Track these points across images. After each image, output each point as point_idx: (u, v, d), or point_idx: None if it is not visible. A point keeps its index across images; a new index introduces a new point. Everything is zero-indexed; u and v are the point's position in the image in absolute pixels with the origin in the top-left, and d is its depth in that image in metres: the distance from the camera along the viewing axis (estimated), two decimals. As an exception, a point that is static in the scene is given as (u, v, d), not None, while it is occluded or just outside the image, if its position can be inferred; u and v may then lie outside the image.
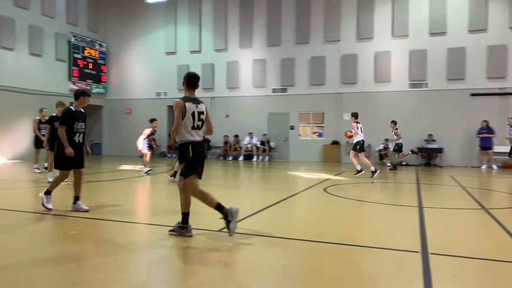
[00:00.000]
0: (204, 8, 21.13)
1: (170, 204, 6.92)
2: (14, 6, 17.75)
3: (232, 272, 3.61)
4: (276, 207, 6.86)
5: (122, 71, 22.98)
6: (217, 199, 4.74)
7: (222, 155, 20.12)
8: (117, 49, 22.96)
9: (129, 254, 4.11)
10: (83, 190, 6.40)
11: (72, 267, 3.66)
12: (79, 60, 21.00)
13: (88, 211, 6.05)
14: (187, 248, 4.35)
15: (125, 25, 22.72)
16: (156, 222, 5.63)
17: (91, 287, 3.16)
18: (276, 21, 19.77)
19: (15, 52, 17.83)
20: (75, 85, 20.56)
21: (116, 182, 10.58)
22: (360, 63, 18.56)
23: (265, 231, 5.04)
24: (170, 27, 21.76)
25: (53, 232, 5.22)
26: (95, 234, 4.99)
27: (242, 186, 10.34)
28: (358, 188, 9.84)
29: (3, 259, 3.82)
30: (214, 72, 21.00)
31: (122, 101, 22.87)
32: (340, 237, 4.90)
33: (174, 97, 21.49)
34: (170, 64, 21.67)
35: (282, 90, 19.81)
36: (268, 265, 3.80)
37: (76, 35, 20.82)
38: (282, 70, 19.75)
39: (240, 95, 20.53)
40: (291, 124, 19.72)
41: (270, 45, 19.92)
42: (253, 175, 12.36)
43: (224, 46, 20.75)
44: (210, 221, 5.17)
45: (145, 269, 3.72)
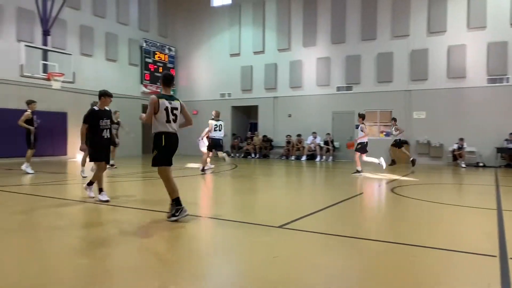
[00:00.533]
0: (268, 9, 21.27)
1: (216, 200, 7.02)
2: (92, 15, 19.20)
3: (299, 270, 3.54)
4: (340, 206, 6.67)
5: (190, 73, 23.87)
6: (178, 194, 5.36)
7: (284, 155, 20.08)
8: (185, 52, 23.90)
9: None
10: (149, 185, 6.70)
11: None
12: (150, 64, 22.18)
13: (108, 201, 6.55)
14: (245, 244, 4.36)
15: (192, 29, 23.58)
16: (208, 215, 5.74)
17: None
18: (341, 18, 19.33)
19: (94, 58, 19.27)
20: (146, 88, 21.78)
21: (178, 179, 10.97)
22: (431, 58, 17.52)
23: (329, 230, 4.92)
24: (234, 29, 22.19)
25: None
26: (158, 225, 5.18)
27: (304, 185, 10.22)
28: (429, 189, 9.27)
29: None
30: (277, 72, 21.04)
31: (190, 102, 23.70)
32: (409, 238, 4.63)
33: (238, 98, 21.99)
34: (234, 65, 22.10)
35: (347, 88, 19.32)
36: (334, 264, 3.69)
37: (147, 41, 22.01)
38: (347, 68, 19.27)
39: (303, 94, 20.36)
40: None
41: (334, 43, 19.53)
42: (316, 175, 12.18)
43: (287, 46, 20.72)
44: (274, 218, 5.15)
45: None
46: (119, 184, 9.46)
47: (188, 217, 5.33)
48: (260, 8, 21.41)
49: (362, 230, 5.09)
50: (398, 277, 3.34)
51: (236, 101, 22.24)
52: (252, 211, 6.43)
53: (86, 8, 18.92)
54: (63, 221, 5.40)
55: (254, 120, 22.99)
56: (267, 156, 20.63)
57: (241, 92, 22.01)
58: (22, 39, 15.69)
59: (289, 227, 4.92)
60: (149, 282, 3.08)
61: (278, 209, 6.53)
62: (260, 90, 21.51)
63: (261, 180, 11.43)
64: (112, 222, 5.36)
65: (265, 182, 10.92)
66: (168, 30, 23.76)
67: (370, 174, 12.57)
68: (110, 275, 3.28)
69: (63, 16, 17.18)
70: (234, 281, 3.26)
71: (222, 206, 6.94)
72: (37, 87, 16.02)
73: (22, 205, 6.57)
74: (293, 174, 13.35)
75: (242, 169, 14.06)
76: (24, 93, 15.85)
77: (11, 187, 8.49)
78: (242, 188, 9.39)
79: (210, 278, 3.34)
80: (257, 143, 20.81)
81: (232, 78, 22.12)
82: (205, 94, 23.24)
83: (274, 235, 4.64)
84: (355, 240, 4.49)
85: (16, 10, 16.14)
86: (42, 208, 6.23)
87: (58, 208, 6.30)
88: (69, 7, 17.56)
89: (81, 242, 4.39)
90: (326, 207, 6.45)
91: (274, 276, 3.29)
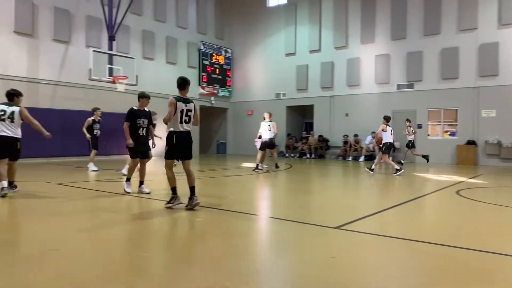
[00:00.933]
0: (324, 7, 20.93)
1: (264, 198, 6.94)
2: (154, 20, 20.07)
3: (357, 272, 3.41)
4: (400, 208, 6.36)
5: (245, 74, 24.15)
6: (176, 184, 6.04)
7: (341, 155, 19.63)
8: (241, 54, 24.21)
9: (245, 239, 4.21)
10: (203, 183, 6.81)
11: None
12: (207, 66, 22.74)
13: (149, 193, 7.16)
14: (301, 244, 4.28)
15: (248, 30, 23.83)
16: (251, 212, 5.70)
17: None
18: (401, 13, 18.53)
19: (155, 61, 20.11)
20: (204, 90, 22.35)
21: (233, 177, 11.09)
22: (503, 52, 16.24)
23: (388, 232, 4.69)
24: (290, 29, 22.10)
25: (180, 221, 5.66)
26: (214, 221, 5.25)
27: (362, 186, 9.89)
28: (498, 192, 8.58)
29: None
30: (333, 70, 20.64)
31: (245, 103, 24.01)
32: (475, 243, 4.29)
33: (293, 98, 21.87)
34: (289, 65, 22.01)
35: (408, 86, 18.47)
36: (394, 266, 3.50)
37: (205, 43, 22.59)
38: (408, 65, 18.43)
39: (361, 93, 19.79)
40: (418, 123, 18.25)
41: (394, 39, 18.77)
42: (375, 176, 11.74)
43: (344, 43, 20.25)
44: (331, 218, 5.02)
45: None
46: (180, 182, 9.75)
47: (245, 215, 5.34)
48: (316, 6, 21.14)
49: (424, 233, 4.80)
50: (463, 283, 3.08)
51: (291, 101, 22.13)
52: (308, 211, 6.32)
53: (147, 13, 19.81)
54: (120, 214, 5.65)
55: (309, 119, 22.74)
56: (323, 157, 20.30)
57: (296, 91, 21.86)
58: (90, 45, 16.76)
59: (347, 228, 4.77)
60: (204, 278, 3.11)
61: (334, 210, 6.37)
62: (316, 89, 21.22)
63: (316, 180, 11.25)
64: (169, 218, 5.51)
65: (321, 183, 10.73)
66: (224, 32, 24.21)
67: (434, 175, 11.92)
68: (167, 268, 3.36)
69: (127, 22, 18.11)
70: (289, 280, 3.20)
71: (277, 206, 6.90)
72: (103, 89, 17.03)
73: (84, 199, 6.97)
74: (350, 174, 13.00)
75: (297, 169, 13.93)
76: (92, 96, 16.94)
77: (80, 183, 9.07)
78: (297, 188, 9.28)
79: (265, 276, 3.30)
80: (313, 143, 20.54)
81: (287, 78, 22.05)
82: (260, 94, 23.38)
83: (331, 236, 4.51)
84: (416, 243, 4.23)
85: (86, 18, 17.27)
86: (102, 202, 6.57)
87: (117, 202, 6.62)
88: (132, 13, 18.48)
89: (139, 235, 4.56)
90: (385, 209, 6.18)
91: (331, 276, 3.18)
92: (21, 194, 7.08)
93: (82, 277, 3.09)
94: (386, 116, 12.42)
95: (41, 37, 15.91)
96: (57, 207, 6.13)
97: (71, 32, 16.82)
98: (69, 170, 12.23)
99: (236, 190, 8.70)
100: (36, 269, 3.27)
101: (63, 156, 16.06)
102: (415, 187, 9.68)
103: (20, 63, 15.31)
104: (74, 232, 4.57)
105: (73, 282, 2.98)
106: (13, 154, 7.06)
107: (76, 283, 2.95)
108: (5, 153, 6.98)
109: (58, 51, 16.45)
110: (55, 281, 3.00)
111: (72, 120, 16.25)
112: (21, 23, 15.25)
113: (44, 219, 5.22)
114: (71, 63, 16.71)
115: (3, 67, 14.83)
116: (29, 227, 4.90)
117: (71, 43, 16.81)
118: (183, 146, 5.96)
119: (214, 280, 3.03)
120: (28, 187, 7.93)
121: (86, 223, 5.08)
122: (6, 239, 4.31)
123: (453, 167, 15.26)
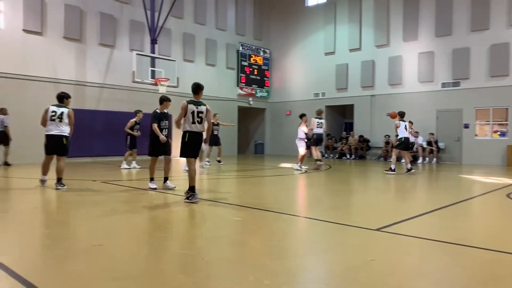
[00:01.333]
0: (365, 4, 20.49)
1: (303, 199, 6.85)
2: (194, 23, 20.47)
3: (397, 276, 3.31)
4: (445, 211, 6.10)
5: (283, 74, 24.09)
6: (195, 182, 6.41)
7: (382, 156, 19.13)
8: (279, 54, 24.18)
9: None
10: (241, 183, 6.85)
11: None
12: (246, 67, 22.91)
13: (174, 189, 7.64)
14: (339, 245, 4.20)
15: (287, 30, 23.76)
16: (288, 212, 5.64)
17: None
18: (447, 8, 17.80)
19: (195, 63, 20.50)
20: (242, 90, 22.53)
21: (272, 177, 11.08)
22: (559, 46, 15.21)
23: (432, 236, 4.52)
24: (329, 28, 21.82)
25: (220, 217, 5.73)
26: (253, 221, 5.27)
27: (404, 188, 9.58)
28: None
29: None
30: (374, 69, 20.16)
31: (283, 103, 23.95)
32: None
33: (332, 97, 21.58)
34: (329, 64, 21.72)
35: (454, 84, 17.71)
36: (437, 272, 3.36)
37: (243, 44, 22.76)
38: (453, 62, 17.67)
39: (403, 92, 19.20)
40: (465, 122, 17.46)
41: (439, 36, 18.05)
42: (418, 177, 11.34)
43: (385, 41, 19.73)
44: (371, 220, 4.91)
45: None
46: (220, 181, 9.89)
47: (284, 216, 5.32)
48: (356, 4, 20.74)
49: (470, 237, 4.58)
50: (519, 292, 2.90)
51: (330, 101, 21.83)
52: (348, 213, 6.21)
53: (188, 16, 20.23)
54: (161, 212, 5.80)
55: (349, 119, 22.34)
56: (364, 157, 19.87)
57: (336, 91, 21.55)
58: (134, 48, 17.36)
59: (387, 230, 4.64)
60: (244, 275, 3.12)
61: (375, 211, 6.21)
62: (356, 88, 20.81)
63: (356, 181, 11.03)
64: (208, 217, 5.59)
65: (360, 184, 10.51)
66: (263, 33, 24.29)
67: (481, 177, 11.35)
68: (208, 266, 3.41)
69: (168, 25, 18.59)
70: (327, 282, 3.15)
71: (316, 207, 6.82)
72: (146, 91, 17.56)
73: (126, 197, 7.21)
74: (391, 176, 12.63)
75: (336, 170, 13.72)
76: (135, 98, 17.52)
77: (123, 181, 9.40)
78: (337, 189, 9.14)
79: (303, 276, 3.27)
80: (353, 143, 20.16)
81: (326, 77, 21.78)
82: (298, 94, 23.23)
83: (371, 238, 4.40)
84: (462, 247, 4.04)
85: (129, 22, 17.90)
86: (144, 200, 6.77)
87: (158, 200, 6.79)
88: (174, 16, 18.93)
89: (180, 234, 4.65)
90: (429, 211, 5.95)
91: (369, 279, 3.10)
92: (68, 191, 7.44)
93: (124, 272, 3.20)
94: (401, 112, 12.48)
95: (88, 41, 16.67)
96: (101, 204, 6.38)
97: (116, 36, 17.49)
98: (113, 169, 12.71)
99: (275, 190, 8.70)
100: (82, 263, 3.42)
101: (107, 156, 16.73)
102: (461, 189, 9.27)
103: (69, 67, 16.11)
104: (117, 228, 4.74)
105: (116, 277, 3.08)
106: (60, 150, 7.70)
107: (118, 278, 3.05)
108: (53, 149, 7.69)
109: (104, 55, 17.15)
110: (99, 275, 3.12)
111: (116, 121, 16.88)
112: (70, 29, 16.04)
113: (88, 215, 5.45)
114: (116, 66, 17.37)
115: (54, 70, 15.66)
116: (75, 222, 5.14)
117: (115, 47, 17.47)
118: (197, 145, 6.51)
119: (253, 279, 3.03)
120: (75, 185, 8.33)
121: (128, 220, 5.25)
122: (55, 234, 4.54)
123: (502, 169, 14.46)
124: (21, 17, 14.82)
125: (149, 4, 16.99)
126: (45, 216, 5.82)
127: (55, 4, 15.66)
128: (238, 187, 9.29)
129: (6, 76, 14.46)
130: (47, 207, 6.60)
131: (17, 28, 14.77)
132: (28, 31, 15.00)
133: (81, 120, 16.08)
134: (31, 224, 5.04)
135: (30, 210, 5.90)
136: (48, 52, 15.49)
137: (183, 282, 3.00)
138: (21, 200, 6.89)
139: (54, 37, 15.70)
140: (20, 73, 14.79)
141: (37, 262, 3.52)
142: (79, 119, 16.29)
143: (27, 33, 14.99)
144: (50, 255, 3.68)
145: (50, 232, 4.65)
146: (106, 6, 17.16)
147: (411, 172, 11.88)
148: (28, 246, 3.99)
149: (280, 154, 22.80)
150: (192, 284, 2.95)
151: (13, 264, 3.30)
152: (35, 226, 4.98)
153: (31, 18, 15.03)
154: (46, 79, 15.35)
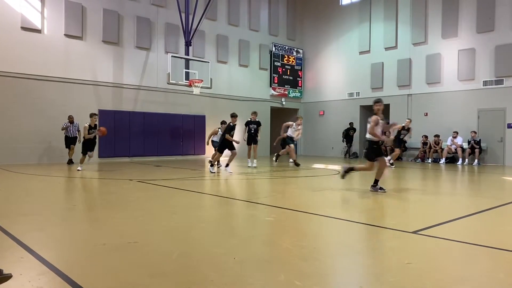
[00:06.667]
0: (401, 2, 19.95)
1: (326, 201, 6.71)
2: (227, 24, 20.65)
3: (434, 279, 3.19)
4: (487, 214, 5.82)
5: (317, 74, 23.85)
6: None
7: (419, 157, 18.55)
8: (312, 54, 23.97)
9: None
10: (274, 183, 6.81)
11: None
12: (278, 67, 22.86)
13: (231, 173, 9.79)
14: (374, 247, 4.10)
15: (320, 30, 23.52)
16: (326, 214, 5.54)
17: (281, 269, 3.28)
18: (488, 3, 17.02)
19: (228, 64, 20.67)
20: (275, 91, 22.51)
21: (305, 178, 10.99)
22: None
23: (473, 239, 4.32)
24: (364, 26, 21.41)
25: (253, 216, 5.73)
26: (285, 221, 5.23)
27: (442, 190, 9.23)
28: None
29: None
30: (411, 68, 19.60)
31: (316, 103, 23.71)
32: None
33: (367, 97, 21.13)
34: (363, 63, 21.31)
35: (497, 82, 16.92)
36: (478, 277, 3.22)
37: (276, 45, 22.73)
38: (496, 59, 16.87)
39: (442, 91, 18.54)
40: (508, 122, 16.63)
41: (480, 32, 17.30)
42: (457, 179, 10.91)
43: (423, 39, 19.12)
44: (407, 222, 4.76)
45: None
46: (252, 182, 9.92)
47: (317, 216, 5.25)
48: (392, 2, 20.23)
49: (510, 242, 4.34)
50: None
51: (365, 100, 21.40)
52: (383, 215, 6.06)
53: (221, 18, 20.43)
54: (195, 211, 5.87)
55: (385, 119, 21.78)
56: (400, 158, 19.33)
57: (371, 90, 21.10)
58: (169, 51, 17.73)
59: (424, 233, 4.48)
60: (275, 275, 3.11)
61: (411, 214, 6.03)
62: (392, 87, 20.31)
63: (392, 182, 10.75)
64: (242, 216, 5.61)
65: (396, 185, 10.23)
66: (296, 33, 24.16)
67: (527, 180, 10.78)
68: (240, 265, 3.41)
69: (202, 27, 18.84)
70: (361, 285, 3.08)
71: (350, 208, 6.69)
72: (180, 93, 17.89)
73: (161, 195, 7.35)
74: (429, 177, 12.22)
75: (372, 172, 13.40)
76: (170, 99, 17.89)
77: (158, 180, 9.61)
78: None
79: (336, 278, 3.22)
80: (389, 144, 19.65)
81: (361, 77, 21.37)
82: (332, 94, 22.93)
83: (407, 241, 4.27)
84: (506, 252, 3.84)
85: (165, 25, 18.30)
86: (177, 199, 6.88)
87: (192, 199, 6.88)
88: (207, 18, 19.17)
89: (213, 232, 4.69)
90: (469, 214, 5.70)
91: (406, 283, 3.00)
92: (105, 190, 7.68)
93: (159, 268, 3.26)
94: None
95: (125, 45, 17.18)
96: (136, 202, 6.55)
97: (152, 39, 17.92)
98: (149, 168, 13.03)
99: (307, 191, 8.62)
100: (118, 259, 3.51)
101: (144, 156, 17.17)
102: (505, 191, 8.83)
103: (107, 70, 16.67)
104: (152, 226, 4.85)
105: (151, 273, 3.15)
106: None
107: (154, 274, 3.12)
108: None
109: (140, 58, 17.63)
110: (135, 271, 3.20)
111: (152, 122, 17.29)
112: (108, 32, 16.59)
113: (124, 213, 5.61)
114: (152, 68, 17.80)
115: (93, 73, 16.25)
116: (111, 220, 5.29)
117: (151, 50, 17.91)
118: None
119: (284, 279, 3.01)
120: (112, 184, 8.59)
121: (163, 218, 5.36)
122: (92, 230, 4.70)
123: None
124: (63, 23, 15.49)
125: (183, 7, 17.30)
126: (82, 214, 6.03)
127: (94, 9, 16.25)
128: (271, 187, 9.29)
129: (51, 79, 15.15)
130: (82, 206, 6.84)
131: (60, 33, 15.44)
132: (70, 36, 15.65)
133: (119, 121, 16.71)
134: (70, 221, 5.24)
135: (68, 208, 6.13)
136: (88, 55, 16.09)
137: (214, 280, 3.02)
138: (62, 198, 7.16)
139: (94, 41, 16.29)
140: (63, 76, 15.46)
141: (77, 258, 3.65)
142: (118, 121, 17.08)
143: (69, 38, 15.64)
144: (89, 250, 3.81)
145: (87, 228, 4.82)
146: (142, 10, 17.63)
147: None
148: (69, 243, 4.15)
149: (314, 155, 22.59)
150: (222, 283, 2.97)
151: (55, 260, 3.44)
152: (73, 222, 5.17)
153: (72, 23, 15.67)
154: (87, 82, 15.97)
